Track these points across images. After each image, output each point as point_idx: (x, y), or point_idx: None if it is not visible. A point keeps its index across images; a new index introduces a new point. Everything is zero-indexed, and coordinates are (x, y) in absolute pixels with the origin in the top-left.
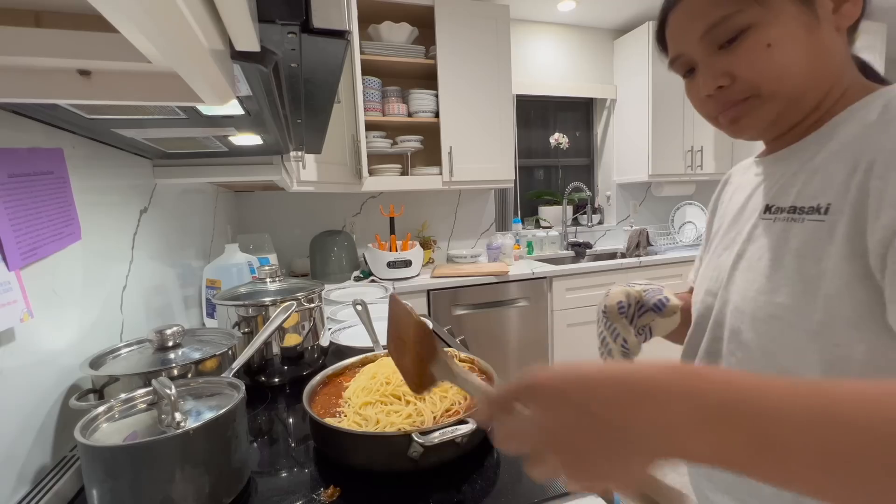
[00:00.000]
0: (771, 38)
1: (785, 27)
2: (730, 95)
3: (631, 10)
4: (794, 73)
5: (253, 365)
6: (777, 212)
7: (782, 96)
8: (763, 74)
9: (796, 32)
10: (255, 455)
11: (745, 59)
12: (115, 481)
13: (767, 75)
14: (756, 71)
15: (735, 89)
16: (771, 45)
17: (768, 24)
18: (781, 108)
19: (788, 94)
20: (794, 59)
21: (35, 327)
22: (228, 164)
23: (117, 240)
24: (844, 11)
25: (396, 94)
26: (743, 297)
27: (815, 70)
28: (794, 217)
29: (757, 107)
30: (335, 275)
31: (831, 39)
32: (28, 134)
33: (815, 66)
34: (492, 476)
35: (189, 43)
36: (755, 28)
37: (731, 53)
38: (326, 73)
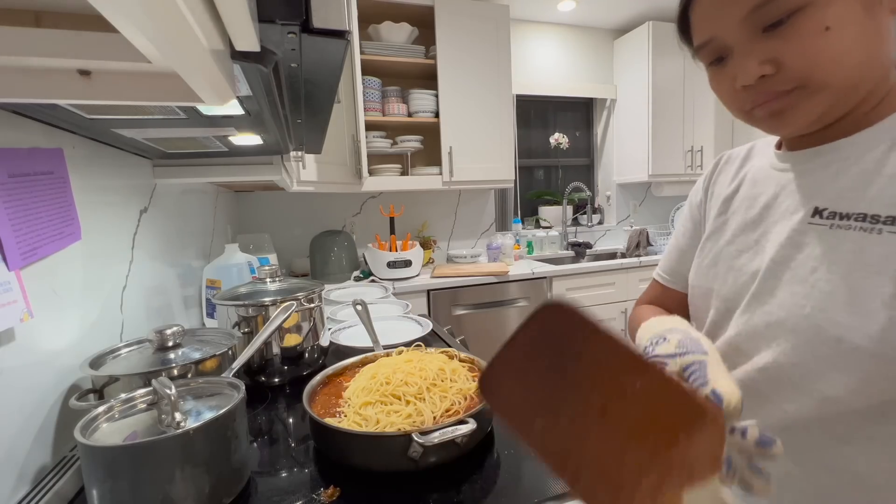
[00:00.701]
0: (829, 19)
1: (845, 7)
2: (773, 86)
3: (631, 10)
4: (851, 61)
5: (253, 365)
6: (836, 217)
7: (835, 87)
8: (817, 62)
9: (857, 14)
10: (255, 455)
11: (798, 44)
12: (115, 481)
13: (822, 63)
14: (809, 58)
15: (780, 79)
16: (830, 29)
17: (826, 3)
18: (833, 101)
19: (841, 85)
20: (854, 46)
21: (35, 327)
22: (228, 164)
23: (117, 240)
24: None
25: (396, 94)
26: (790, 312)
27: (872, 58)
28: (866, 226)
29: (804, 98)
30: (335, 275)
31: (887, 23)
32: (28, 134)
33: (873, 53)
34: (492, 476)
35: (189, 43)
36: (811, 7)
37: (778, 37)
38: (326, 73)
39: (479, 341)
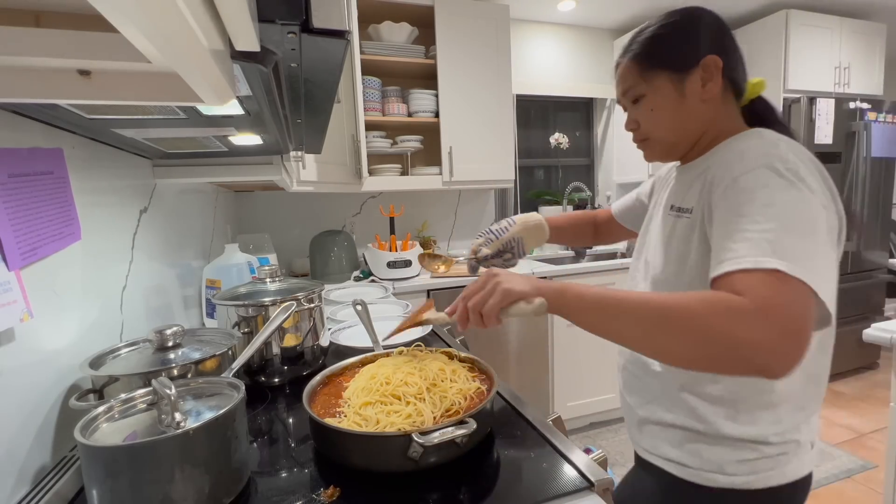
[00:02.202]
0: (653, 105)
1: (661, 100)
2: (638, 134)
3: (631, 10)
4: (665, 127)
5: (253, 365)
6: (672, 209)
7: (661, 141)
8: (649, 128)
9: (668, 104)
10: (255, 455)
11: (642, 115)
12: (115, 481)
13: (652, 129)
14: (646, 123)
15: (640, 132)
16: (653, 110)
17: (652, 95)
18: (664, 148)
19: (663, 141)
20: (666, 119)
21: (35, 327)
22: (228, 164)
23: (117, 240)
24: (709, 89)
25: (396, 94)
26: (645, 260)
27: (681, 127)
28: (678, 214)
29: (651, 145)
30: (335, 275)
31: (696, 107)
32: (28, 134)
33: (680, 124)
34: (492, 476)
35: (189, 43)
36: (645, 97)
37: (636, 109)
38: (326, 72)
39: (479, 341)
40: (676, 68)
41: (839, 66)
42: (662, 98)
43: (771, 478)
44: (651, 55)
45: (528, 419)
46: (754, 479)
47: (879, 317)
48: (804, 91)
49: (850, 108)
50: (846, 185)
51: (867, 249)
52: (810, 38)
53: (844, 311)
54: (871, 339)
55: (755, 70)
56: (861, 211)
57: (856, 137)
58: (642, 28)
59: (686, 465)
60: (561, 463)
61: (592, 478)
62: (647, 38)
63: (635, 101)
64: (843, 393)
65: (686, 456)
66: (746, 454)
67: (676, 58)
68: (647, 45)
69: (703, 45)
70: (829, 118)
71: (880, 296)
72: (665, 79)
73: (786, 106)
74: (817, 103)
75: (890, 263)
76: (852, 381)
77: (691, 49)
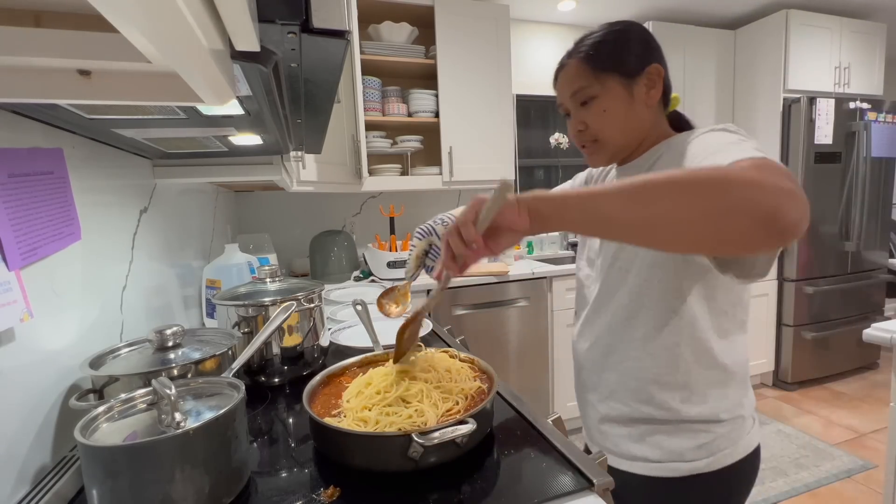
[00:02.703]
0: (605, 106)
1: (613, 101)
2: (585, 137)
3: (631, 10)
4: (617, 128)
5: (253, 365)
6: None
7: (611, 143)
8: (601, 129)
9: (619, 106)
10: (255, 455)
11: (591, 117)
12: (115, 481)
13: (603, 130)
14: (597, 126)
15: (588, 134)
16: (605, 111)
17: (604, 97)
18: (613, 150)
19: (614, 142)
20: (619, 123)
21: (35, 327)
22: (228, 164)
23: (117, 240)
24: (651, 95)
25: (396, 94)
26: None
27: (629, 129)
28: None
29: (599, 147)
30: (335, 275)
31: (642, 111)
32: (28, 134)
33: (629, 126)
34: (492, 476)
35: (189, 43)
36: (597, 98)
37: (586, 111)
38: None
39: (479, 341)
40: (625, 73)
41: (839, 66)
42: (614, 100)
43: (727, 456)
44: (603, 58)
45: (528, 419)
46: (713, 460)
47: (879, 317)
48: (804, 91)
49: (850, 108)
50: (846, 184)
51: (867, 249)
52: (810, 38)
53: (844, 311)
54: (871, 339)
55: (755, 70)
56: (861, 211)
57: (856, 137)
58: (589, 33)
59: (649, 459)
60: (561, 463)
61: (592, 478)
62: (597, 41)
63: (584, 102)
64: (843, 393)
65: (648, 450)
66: (702, 438)
67: (626, 63)
68: (599, 48)
69: (647, 55)
70: (828, 118)
71: (880, 296)
72: (616, 82)
73: (786, 106)
74: (817, 103)
75: (890, 263)
76: (852, 381)
77: (638, 56)
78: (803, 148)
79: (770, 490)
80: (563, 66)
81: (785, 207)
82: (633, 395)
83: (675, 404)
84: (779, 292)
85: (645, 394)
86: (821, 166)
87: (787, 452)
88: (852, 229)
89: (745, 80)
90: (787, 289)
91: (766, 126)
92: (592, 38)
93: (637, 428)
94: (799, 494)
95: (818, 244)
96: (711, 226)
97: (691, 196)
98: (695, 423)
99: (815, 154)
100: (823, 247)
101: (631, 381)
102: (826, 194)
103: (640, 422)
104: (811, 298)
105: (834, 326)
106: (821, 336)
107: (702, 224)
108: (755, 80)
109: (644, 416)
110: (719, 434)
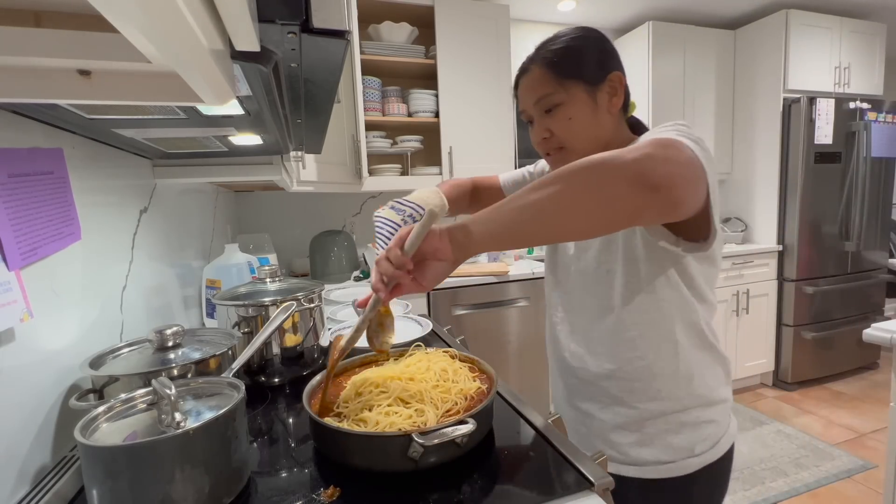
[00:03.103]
0: (570, 114)
1: (579, 108)
2: (550, 144)
3: (631, 10)
4: (582, 136)
5: (253, 365)
6: None
7: (577, 149)
8: (567, 136)
9: (585, 113)
10: (255, 455)
11: (558, 125)
12: (115, 481)
13: (570, 137)
14: (563, 133)
15: (553, 141)
16: (571, 119)
17: (570, 104)
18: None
19: (580, 148)
20: (585, 129)
21: (35, 327)
22: (228, 164)
23: (117, 240)
24: (614, 102)
25: (396, 94)
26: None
27: (594, 136)
28: None
29: (566, 154)
30: (335, 275)
31: (605, 118)
32: (28, 134)
33: (594, 134)
34: (492, 476)
35: (189, 43)
36: (563, 105)
37: (551, 118)
38: (326, 73)
39: (479, 341)
40: (589, 81)
41: (839, 66)
42: (579, 107)
43: (723, 444)
44: (567, 65)
45: (528, 419)
46: (716, 450)
47: (879, 317)
48: (804, 91)
49: (850, 108)
50: (846, 184)
51: (867, 249)
52: (810, 38)
53: (844, 311)
54: (871, 339)
55: (755, 70)
56: (861, 211)
57: (856, 137)
58: (552, 38)
59: (662, 461)
60: (561, 463)
61: (592, 478)
62: (560, 48)
63: (549, 110)
64: (843, 393)
65: (660, 452)
66: (708, 430)
67: (589, 71)
68: (562, 55)
69: (608, 62)
70: (828, 118)
71: (880, 296)
72: (580, 89)
73: (786, 106)
74: (817, 103)
75: (890, 263)
76: (852, 381)
77: (600, 64)
78: (803, 148)
79: (770, 490)
80: (526, 70)
81: (649, 166)
82: (641, 395)
83: (683, 393)
84: (779, 292)
85: (652, 391)
86: (821, 166)
87: (787, 452)
88: (852, 229)
89: (745, 80)
90: (787, 289)
91: (766, 126)
92: (556, 45)
93: (645, 431)
94: (799, 494)
95: (818, 244)
96: (600, 200)
97: (579, 180)
98: (701, 410)
99: (815, 154)
100: (823, 247)
101: (636, 383)
102: (826, 194)
103: (648, 422)
104: (811, 298)
105: (834, 326)
106: (821, 336)
107: (594, 202)
108: (755, 80)
109: (654, 413)
110: (715, 419)
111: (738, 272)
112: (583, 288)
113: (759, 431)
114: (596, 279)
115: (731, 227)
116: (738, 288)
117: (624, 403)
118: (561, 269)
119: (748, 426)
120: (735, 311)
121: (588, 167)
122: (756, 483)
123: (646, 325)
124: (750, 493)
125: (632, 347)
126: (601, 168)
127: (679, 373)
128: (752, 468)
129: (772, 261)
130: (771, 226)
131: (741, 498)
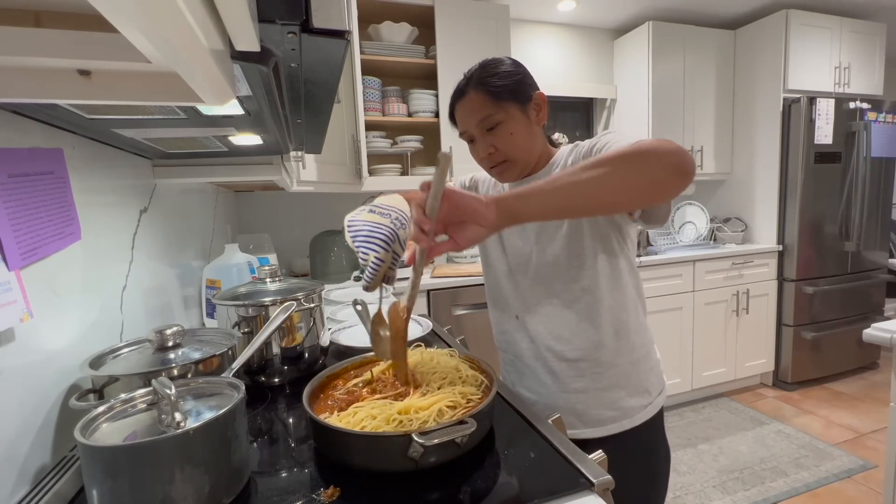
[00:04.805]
0: (511, 130)
1: (517, 125)
2: (496, 159)
3: (631, 10)
4: (524, 148)
5: (253, 365)
6: None
7: (519, 161)
8: (510, 150)
9: (522, 128)
10: (255, 455)
11: (500, 140)
12: (115, 481)
13: (512, 149)
14: (506, 147)
15: (497, 156)
16: (512, 134)
17: (509, 121)
18: (521, 168)
19: (521, 160)
20: (525, 143)
21: (35, 327)
22: (228, 164)
23: (117, 240)
24: (540, 117)
25: (396, 94)
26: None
27: (531, 148)
28: None
29: (509, 167)
30: (335, 275)
31: (537, 130)
32: (28, 134)
33: (531, 145)
34: (492, 476)
35: (189, 43)
36: (503, 124)
37: (493, 135)
38: (326, 73)
39: (479, 341)
40: (520, 100)
41: (839, 66)
42: (517, 124)
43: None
44: (501, 89)
45: (528, 419)
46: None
47: (879, 317)
48: (804, 91)
49: (850, 108)
50: (846, 184)
51: (867, 249)
52: (810, 38)
53: (844, 311)
54: (871, 339)
55: (755, 70)
56: (861, 211)
57: (856, 137)
58: (482, 66)
59: (644, 404)
60: (561, 463)
61: (592, 478)
62: (493, 74)
63: (491, 128)
64: (843, 393)
65: (642, 397)
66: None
67: (519, 92)
68: (497, 79)
69: (531, 84)
70: (828, 118)
71: (880, 296)
72: (515, 108)
73: (786, 106)
74: (817, 103)
75: (890, 263)
76: (852, 381)
77: (527, 86)
78: (803, 148)
79: (770, 490)
80: (464, 94)
81: (685, 157)
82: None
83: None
84: (779, 292)
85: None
86: (821, 166)
87: (787, 452)
88: (852, 229)
89: (745, 80)
90: (787, 289)
91: (766, 126)
92: (488, 72)
93: (629, 386)
94: (799, 494)
95: (818, 244)
96: (647, 181)
97: (630, 164)
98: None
99: (815, 154)
100: (823, 247)
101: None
102: (826, 194)
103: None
104: (811, 298)
105: (834, 326)
106: (821, 336)
107: (643, 182)
108: (755, 80)
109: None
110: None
111: (738, 272)
112: (550, 278)
113: (759, 431)
114: (568, 265)
115: (731, 226)
116: (737, 288)
117: (615, 366)
118: (516, 270)
119: (748, 426)
120: (735, 310)
121: (636, 153)
122: (756, 483)
123: (613, 290)
124: (750, 493)
125: (609, 312)
126: (648, 155)
127: (637, 327)
128: (752, 468)
129: (772, 261)
130: (771, 226)
131: (741, 498)
